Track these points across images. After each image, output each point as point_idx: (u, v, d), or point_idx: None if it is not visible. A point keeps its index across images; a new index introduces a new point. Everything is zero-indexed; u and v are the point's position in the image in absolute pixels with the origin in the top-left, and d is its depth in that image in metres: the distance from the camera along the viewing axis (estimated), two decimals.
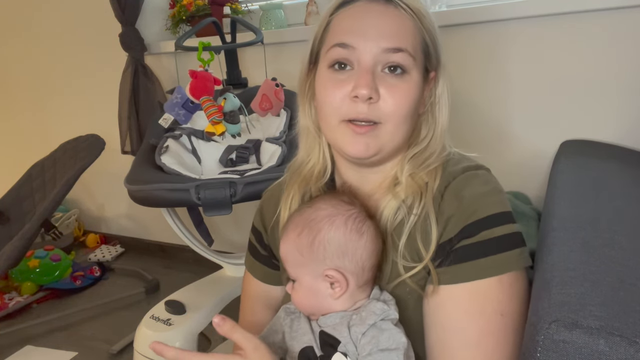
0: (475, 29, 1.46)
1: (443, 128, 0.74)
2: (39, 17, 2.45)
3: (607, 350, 0.50)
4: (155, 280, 2.13)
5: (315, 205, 0.70)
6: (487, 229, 0.66)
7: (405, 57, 0.67)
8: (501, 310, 0.65)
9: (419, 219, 0.69)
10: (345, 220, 0.68)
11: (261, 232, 0.87)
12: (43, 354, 1.75)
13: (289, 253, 0.69)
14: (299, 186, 0.78)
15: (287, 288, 0.72)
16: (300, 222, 0.69)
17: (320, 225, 0.67)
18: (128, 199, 1.27)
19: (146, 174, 1.30)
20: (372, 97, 0.65)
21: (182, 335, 1.30)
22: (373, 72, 0.66)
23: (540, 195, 1.29)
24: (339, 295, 0.67)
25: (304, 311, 0.70)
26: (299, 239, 0.68)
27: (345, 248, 0.67)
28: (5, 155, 2.87)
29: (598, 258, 0.67)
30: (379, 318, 0.64)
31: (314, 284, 0.68)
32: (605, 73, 1.33)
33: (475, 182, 0.69)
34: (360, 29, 0.67)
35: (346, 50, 0.67)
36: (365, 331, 0.63)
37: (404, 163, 0.73)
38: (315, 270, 0.67)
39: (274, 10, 1.81)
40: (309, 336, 0.67)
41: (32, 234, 1.65)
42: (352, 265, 0.67)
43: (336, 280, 0.66)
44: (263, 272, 0.88)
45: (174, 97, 1.42)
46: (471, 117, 1.51)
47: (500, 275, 0.65)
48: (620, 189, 0.98)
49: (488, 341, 0.64)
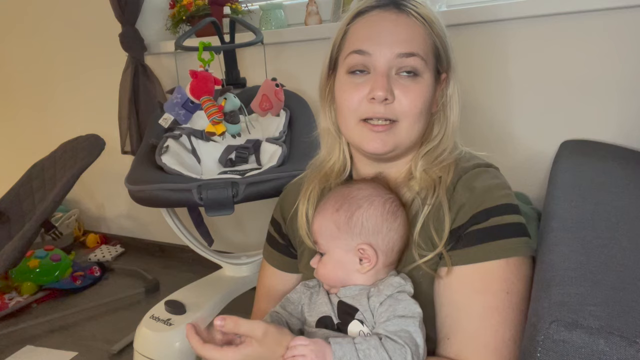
0: (475, 29, 1.46)
1: (454, 126, 0.80)
2: (39, 17, 2.45)
3: (607, 350, 0.50)
4: (155, 280, 2.13)
5: (357, 185, 0.77)
6: (497, 216, 0.71)
7: (417, 61, 0.73)
8: (507, 289, 0.69)
9: (432, 209, 0.74)
10: (384, 202, 0.73)
11: (280, 223, 0.94)
12: (43, 354, 1.75)
13: (325, 226, 0.74)
14: (319, 181, 0.85)
15: (311, 262, 0.76)
16: (340, 198, 0.74)
17: (361, 203, 0.73)
18: (128, 199, 1.27)
19: (147, 174, 1.30)
20: (387, 98, 0.72)
21: (182, 335, 1.30)
22: (388, 76, 0.73)
23: (540, 195, 1.29)
24: (367, 270, 0.72)
25: (327, 283, 0.74)
26: (337, 213, 0.73)
27: (381, 227, 0.72)
28: (5, 155, 2.87)
29: (598, 258, 0.67)
30: (395, 290, 0.69)
31: (344, 257, 0.72)
32: (605, 73, 1.33)
33: (485, 176, 0.76)
34: (376, 37, 0.73)
35: (363, 56, 0.74)
36: (383, 301, 0.67)
37: (417, 159, 0.79)
38: (349, 244, 0.72)
39: (274, 10, 1.81)
40: (327, 307, 0.71)
41: (32, 234, 1.65)
42: (383, 244, 0.72)
43: (367, 255, 0.71)
44: (281, 260, 0.94)
45: (174, 97, 1.42)
46: (472, 117, 1.50)
47: (507, 258, 0.70)
48: (620, 189, 0.98)
49: (494, 315, 0.69)
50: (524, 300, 0.70)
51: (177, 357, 1.30)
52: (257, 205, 1.37)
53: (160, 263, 2.35)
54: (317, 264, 0.75)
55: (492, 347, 0.68)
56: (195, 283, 1.52)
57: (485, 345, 0.68)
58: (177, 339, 1.30)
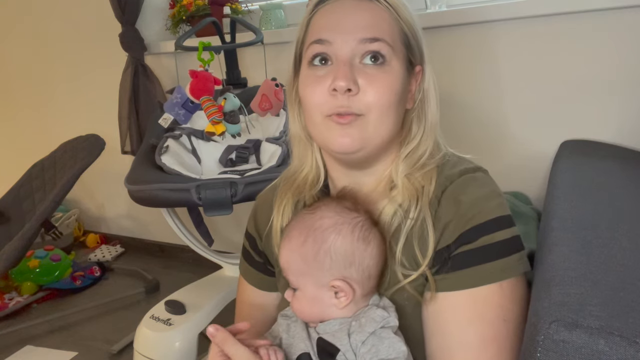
0: (475, 29, 1.45)
1: (433, 123, 0.73)
2: (39, 17, 2.45)
3: (607, 350, 0.50)
4: (155, 280, 2.13)
5: (320, 213, 0.68)
6: (487, 235, 0.65)
7: (382, 46, 0.66)
8: (503, 316, 0.64)
9: (415, 224, 0.68)
10: (352, 228, 0.66)
11: (255, 239, 0.86)
12: (43, 354, 1.75)
13: (292, 262, 0.68)
14: (292, 194, 0.78)
15: (286, 295, 0.70)
16: (304, 230, 0.67)
17: (326, 235, 0.66)
18: (128, 199, 1.27)
19: (147, 174, 1.30)
20: (351, 88, 0.64)
21: (182, 335, 1.30)
22: (351, 64, 0.66)
23: (540, 195, 1.29)
24: (345, 305, 0.66)
25: (303, 319, 0.69)
26: (303, 247, 0.66)
27: (352, 258, 0.65)
28: (5, 155, 2.87)
29: (598, 258, 0.67)
30: (378, 325, 0.63)
31: (318, 293, 0.66)
32: (605, 73, 1.33)
33: (472, 186, 0.68)
34: (336, 24, 0.67)
35: (323, 45, 0.67)
36: (365, 339, 0.62)
37: (398, 163, 0.72)
38: (320, 280, 0.66)
39: (274, 10, 1.81)
40: (305, 343, 0.66)
41: (32, 234, 1.65)
42: (358, 275, 0.66)
43: (342, 290, 0.65)
44: (258, 279, 0.87)
45: (174, 97, 1.42)
46: (472, 117, 1.50)
47: (500, 282, 0.64)
48: (620, 189, 0.98)
49: (492, 347, 0.64)
50: (521, 324, 0.64)
51: (177, 357, 1.30)
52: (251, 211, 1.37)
53: (160, 263, 2.35)
54: (291, 298, 0.69)
55: None
56: (195, 283, 1.52)
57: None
58: (177, 339, 1.30)
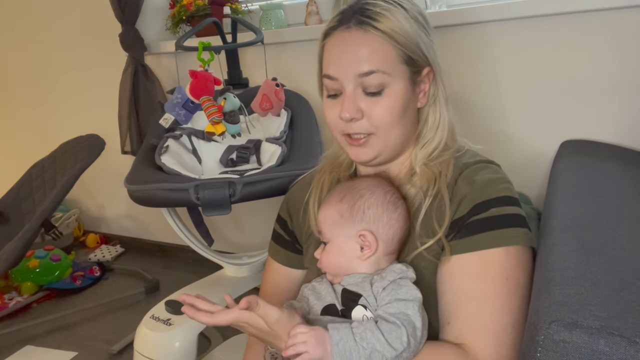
0: (475, 29, 1.45)
1: (445, 116, 0.83)
2: (39, 17, 2.45)
3: (607, 350, 0.50)
4: (155, 280, 2.13)
5: (360, 179, 0.82)
6: (497, 207, 0.74)
7: (379, 77, 0.76)
8: (506, 276, 0.72)
9: (434, 201, 0.78)
10: (385, 192, 0.78)
11: (286, 220, 0.97)
12: (43, 354, 1.75)
13: (329, 216, 0.78)
14: (330, 172, 0.90)
15: (315, 253, 0.80)
16: (344, 189, 0.79)
17: (363, 192, 0.77)
18: (128, 199, 1.27)
19: (146, 174, 1.30)
20: (354, 117, 0.77)
21: (182, 335, 1.30)
22: (354, 95, 0.77)
23: (540, 195, 1.29)
24: (367, 257, 0.75)
25: (330, 271, 0.77)
26: (340, 203, 0.77)
27: (381, 215, 0.76)
28: (5, 155, 2.87)
29: (598, 258, 0.67)
30: (398, 276, 0.71)
31: (346, 244, 0.75)
32: (605, 73, 1.33)
33: (486, 171, 0.79)
34: (338, 60, 0.78)
35: (332, 81, 0.79)
36: (385, 286, 0.70)
37: (417, 152, 0.83)
38: (351, 231, 0.75)
39: (274, 10, 1.81)
40: (331, 296, 0.74)
41: (32, 234, 1.65)
42: (383, 232, 0.75)
43: (367, 242, 0.74)
44: (286, 256, 0.96)
45: (174, 97, 1.42)
46: (471, 117, 1.50)
47: (506, 247, 0.73)
48: (620, 189, 0.98)
49: (493, 301, 0.71)
50: (524, 287, 0.72)
51: (177, 357, 1.30)
52: (258, 205, 1.37)
53: (160, 263, 2.35)
54: (320, 255, 0.78)
55: (490, 331, 0.70)
56: (196, 283, 1.52)
57: (484, 329, 0.70)
58: (177, 339, 1.29)
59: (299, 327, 0.67)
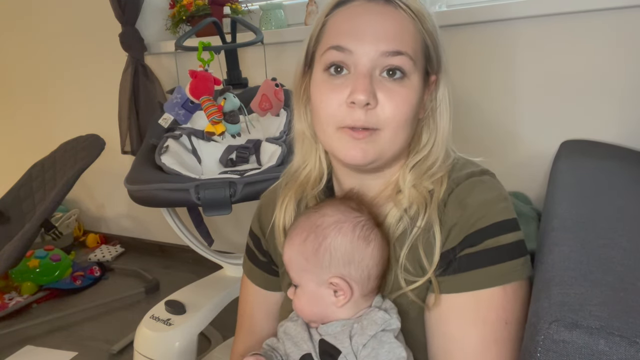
0: (475, 29, 1.46)
1: (444, 134, 0.71)
2: (39, 17, 2.45)
3: (607, 350, 0.50)
4: (155, 280, 2.13)
5: (322, 211, 0.69)
6: (491, 238, 0.64)
7: (405, 61, 0.64)
8: (505, 319, 0.64)
9: (422, 231, 0.67)
10: (353, 227, 0.66)
11: (259, 238, 0.85)
12: (43, 354, 1.75)
13: (293, 258, 0.68)
14: (295, 193, 0.77)
15: (288, 293, 0.70)
16: (307, 227, 0.68)
17: (327, 232, 0.66)
18: (128, 199, 1.27)
19: (146, 174, 1.30)
20: (370, 102, 0.63)
21: (182, 335, 1.30)
22: (371, 76, 0.63)
23: (540, 195, 1.29)
24: (343, 303, 0.66)
25: (304, 318, 0.69)
26: (304, 244, 0.67)
27: (352, 256, 0.66)
28: (5, 155, 2.87)
29: (598, 258, 0.67)
30: (380, 328, 0.63)
31: (318, 291, 0.66)
32: (605, 73, 1.33)
33: (478, 189, 0.67)
34: (358, 31, 0.64)
35: (342, 53, 0.64)
36: (366, 342, 0.62)
37: (405, 172, 0.70)
38: (320, 277, 0.66)
39: (274, 10, 1.81)
40: (307, 344, 0.66)
41: (32, 234, 1.65)
42: (357, 274, 0.66)
43: (340, 288, 0.65)
44: (263, 279, 0.86)
45: (174, 97, 1.42)
46: (471, 118, 1.50)
47: (504, 285, 0.64)
48: (620, 189, 0.98)
49: (492, 349, 0.63)
50: (522, 326, 0.64)
51: (177, 357, 1.30)
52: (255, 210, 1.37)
53: (160, 263, 2.35)
54: (292, 296, 0.69)
55: None
56: (196, 283, 1.52)
57: None
58: (177, 339, 1.30)
59: None
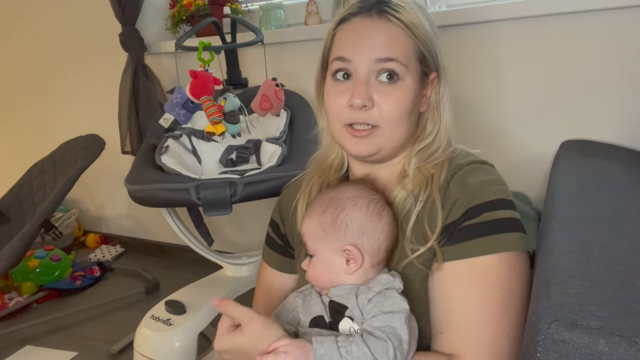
0: (475, 29, 1.46)
1: (447, 124, 0.81)
2: (38, 17, 2.45)
3: (607, 350, 0.50)
4: (155, 280, 2.13)
5: (341, 188, 0.79)
6: (489, 212, 0.72)
7: (396, 65, 0.74)
8: (500, 284, 0.70)
9: (425, 205, 0.76)
10: (368, 202, 0.75)
11: (278, 224, 0.96)
12: (43, 354, 1.75)
13: (311, 228, 0.76)
14: (319, 176, 0.87)
15: (303, 264, 0.77)
16: (326, 200, 0.76)
17: (345, 204, 0.74)
18: (128, 199, 1.27)
19: (146, 174, 1.30)
20: (366, 105, 0.74)
21: (182, 335, 1.30)
22: (367, 82, 0.75)
23: (540, 195, 1.29)
24: (353, 270, 0.73)
25: (317, 284, 0.76)
26: (323, 215, 0.75)
27: (365, 228, 0.73)
28: (5, 155, 2.87)
29: (598, 258, 0.67)
30: (384, 287, 0.70)
31: (331, 258, 0.73)
32: (605, 73, 1.33)
33: (479, 173, 0.77)
34: (356, 44, 0.76)
35: (344, 63, 0.76)
36: (371, 297, 0.69)
37: (410, 157, 0.80)
38: (335, 245, 0.73)
39: (274, 10, 1.81)
40: (319, 307, 0.73)
41: (32, 234, 1.65)
42: (369, 244, 0.73)
43: (353, 256, 0.72)
44: (278, 261, 0.96)
45: (174, 97, 1.42)
46: (471, 117, 1.50)
47: (500, 253, 0.71)
48: (620, 189, 0.98)
49: (486, 310, 0.69)
50: (519, 296, 0.70)
51: (177, 357, 1.30)
52: (258, 205, 1.37)
53: (160, 263, 2.35)
54: (307, 266, 0.76)
55: (484, 341, 0.68)
56: (196, 283, 1.52)
57: (477, 339, 0.69)
58: (177, 339, 1.30)
59: (280, 339, 0.65)
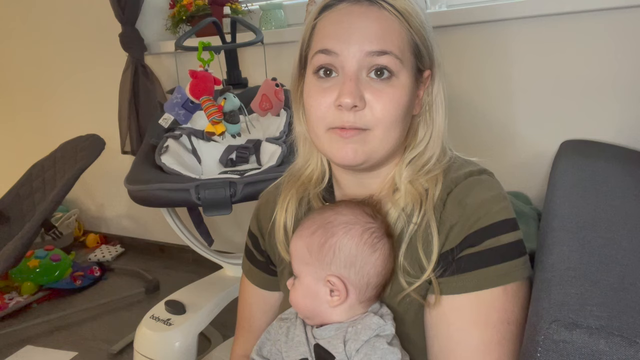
0: (475, 29, 1.45)
1: (440, 129, 0.71)
2: (39, 17, 2.45)
3: (607, 350, 0.50)
4: (155, 280, 2.13)
5: (337, 209, 0.69)
6: (492, 238, 0.64)
7: (390, 60, 0.64)
8: (507, 319, 0.64)
9: (419, 228, 0.67)
10: (362, 231, 0.66)
11: (257, 237, 0.85)
12: (43, 354, 1.75)
13: (298, 249, 0.68)
14: (297, 190, 0.77)
15: (287, 283, 0.71)
16: (317, 221, 0.68)
17: (336, 230, 0.66)
18: (128, 199, 1.27)
19: (146, 174, 1.30)
20: (356, 105, 0.63)
21: (182, 335, 1.30)
22: (357, 79, 0.64)
23: (540, 195, 1.29)
24: (336, 304, 0.66)
25: (298, 311, 0.69)
26: (311, 237, 0.67)
27: (355, 259, 0.65)
28: (5, 155, 2.87)
29: (598, 258, 0.67)
30: (373, 334, 0.63)
31: (314, 286, 0.66)
32: (605, 73, 1.33)
33: (478, 189, 0.67)
34: (343, 34, 0.64)
35: (329, 56, 0.65)
36: (359, 348, 0.62)
37: (402, 167, 0.70)
38: (319, 272, 0.66)
39: (274, 10, 1.81)
40: (304, 347, 0.66)
41: (32, 234, 1.65)
42: (356, 279, 0.65)
43: (337, 288, 0.65)
44: (261, 278, 0.87)
45: (174, 97, 1.42)
46: (471, 118, 1.50)
47: (505, 285, 0.64)
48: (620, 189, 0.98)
49: (494, 350, 0.63)
50: (523, 327, 0.64)
51: (177, 357, 1.30)
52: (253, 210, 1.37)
53: (160, 263, 2.35)
54: (291, 287, 0.69)
55: None
56: (195, 283, 1.52)
57: None
58: (177, 339, 1.30)
59: None
